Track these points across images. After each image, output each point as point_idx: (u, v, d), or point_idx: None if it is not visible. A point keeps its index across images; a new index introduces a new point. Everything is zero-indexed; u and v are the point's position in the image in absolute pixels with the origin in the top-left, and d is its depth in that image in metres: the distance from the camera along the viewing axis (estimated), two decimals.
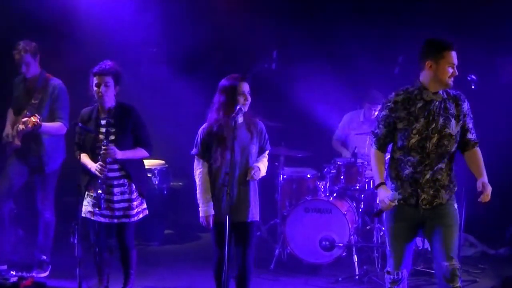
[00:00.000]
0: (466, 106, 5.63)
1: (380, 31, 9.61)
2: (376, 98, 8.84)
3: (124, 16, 9.69)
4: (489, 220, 9.67)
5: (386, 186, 5.62)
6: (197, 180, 6.25)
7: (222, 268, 5.95)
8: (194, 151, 6.26)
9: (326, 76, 9.39)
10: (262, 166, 6.22)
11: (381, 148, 5.74)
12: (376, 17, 9.70)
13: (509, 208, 9.64)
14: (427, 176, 5.53)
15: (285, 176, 8.66)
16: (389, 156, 5.80)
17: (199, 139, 6.22)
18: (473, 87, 7.45)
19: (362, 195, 8.72)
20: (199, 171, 6.24)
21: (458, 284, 5.54)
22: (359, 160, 8.52)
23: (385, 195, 5.49)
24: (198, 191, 6.25)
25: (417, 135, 5.51)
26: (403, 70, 9.43)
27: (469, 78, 7.52)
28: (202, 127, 6.24)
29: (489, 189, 5.55)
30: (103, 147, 6.46)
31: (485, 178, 5.60)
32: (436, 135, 5.49)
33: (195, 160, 6.29)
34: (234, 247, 6.23)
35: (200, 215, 6.23)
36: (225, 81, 6.18)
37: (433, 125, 5.49)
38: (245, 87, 6.14)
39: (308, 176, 8.75)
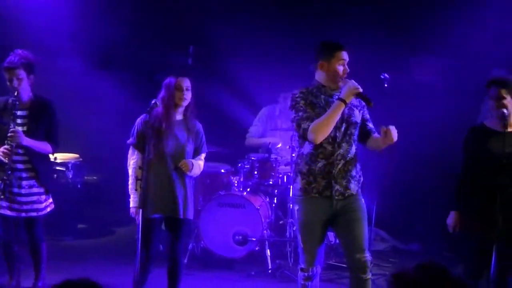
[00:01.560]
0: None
1: (297, 29, 9.68)
2: (290, 87, 8.96)
3: (42, 8, 9.55)
4: (400, 216, 9.87)
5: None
6: (130, 170, 6.32)
7: (142, 260, 6.00)
8: (130, 140, 6.32)
9: (242, 72, 9.43)
10: (197, 165, 6.36)
11: None
12: (292, 14, 9.78)
13: (419, 205, 9.86)
14: (340, 166, 5.59)
15: None
16: (296, 154, 5.85)
17: (135, 129, 6.29)
18: (385, 85, 7.57)
19: (276, 190, 8.80)
20: (133, 161, 6.31)
21: (369, 276, 5.65)
22: (273, 156, 8.60)
23: (351, 84, 5.52)
24: (130, 182, 6.32)
25: None
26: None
27: (382, 77, 7.64)
28: (141, 117, 6.29)
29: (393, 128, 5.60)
30: (10, 131, 6.34)
31: None
32: (343, 124, 5.59)
33: (130, 150, 6.35)
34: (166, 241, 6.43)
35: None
36: (168, 78, 6.31)
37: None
38: (184, 82, 6.27)
39: (223, 171, 8.79)
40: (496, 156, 5.72)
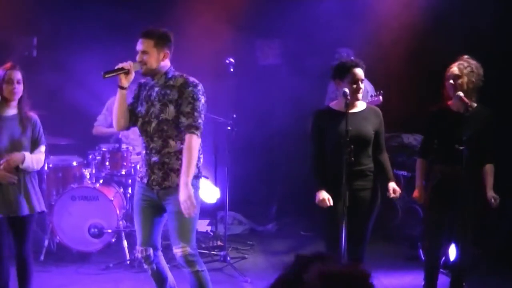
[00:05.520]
0: (189, 92, 5.61)
1: (140, 18, 9.53)
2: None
3: None
4: (255, 198, 10.02)
5: None
6: None
7: None
8: None
9: (86, 62, 9.24)
10: (30, 158, 6.04)
11: None
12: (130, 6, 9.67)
13: (272, 186, 10.03)
14: (154, 159, 5.68)
15: (50, 165, 8.46)
16: None
17: None
18: (231, 69, 7.66)
19: (130, 180, 8.72)
20: None
21: (197, 268, 5.68)
22: (123, 146, 8.54)
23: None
24: None
25: (140, 119, 5.74)
26: None
27: (227, 61, 7.72)
28: None
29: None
30: None
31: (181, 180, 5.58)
32: (155, 119, 5.66)
33: None
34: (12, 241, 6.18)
35: None
36: None
37: (152, 110, 5.68)
38: (14, 75, 6.02)
39: (74, 163, 8.61)
40: (342, 136, 5.86)
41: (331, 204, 6.00)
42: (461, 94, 6.07)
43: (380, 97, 7.88)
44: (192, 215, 5.52)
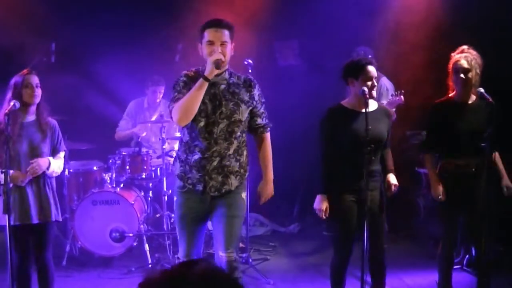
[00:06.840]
0: (257, 91, 5.56)
1: (157, 23, 9.56)
2: (158, 80, 8.94)
3: None
4: (277, 199, 9.95)
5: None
6: None
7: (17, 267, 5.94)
8: None
9: (105, 66, 9.26)
10: (55, 162, 6.03)
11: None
12: (151, 8, 9.66)
13: (293, 187, 9.98)
14: (215, 163, 5.41)
15: (71, 170, 8.48)
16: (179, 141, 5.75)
17: None
18: (250, 71, 7.63)
19: (150, 184, 8.75)
20: None
21: (236, 275, 5.53)
22: (143, 149, 8.53)
23: (210, 58, 5.23)
24: None
25: (204, 119, 5.35)
26: (183, 56, 9.54)
27: (245, 63, 7.70)
28: None
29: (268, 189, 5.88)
30: None
31: (268, 176, 5.86)
32: (225, 120, 5.37)
33: None
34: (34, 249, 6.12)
35: None
36: (14, 78, 5.99)
37: (221, 110, 5.37)
38: (33, 79, 5.98)
39: (95, 168, 8.61)
40: (360, 136, 5.75)
41: (326, 216, 5.90)
42: (481, 90, 6.02)
43: (402, 97, 7.83)
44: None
